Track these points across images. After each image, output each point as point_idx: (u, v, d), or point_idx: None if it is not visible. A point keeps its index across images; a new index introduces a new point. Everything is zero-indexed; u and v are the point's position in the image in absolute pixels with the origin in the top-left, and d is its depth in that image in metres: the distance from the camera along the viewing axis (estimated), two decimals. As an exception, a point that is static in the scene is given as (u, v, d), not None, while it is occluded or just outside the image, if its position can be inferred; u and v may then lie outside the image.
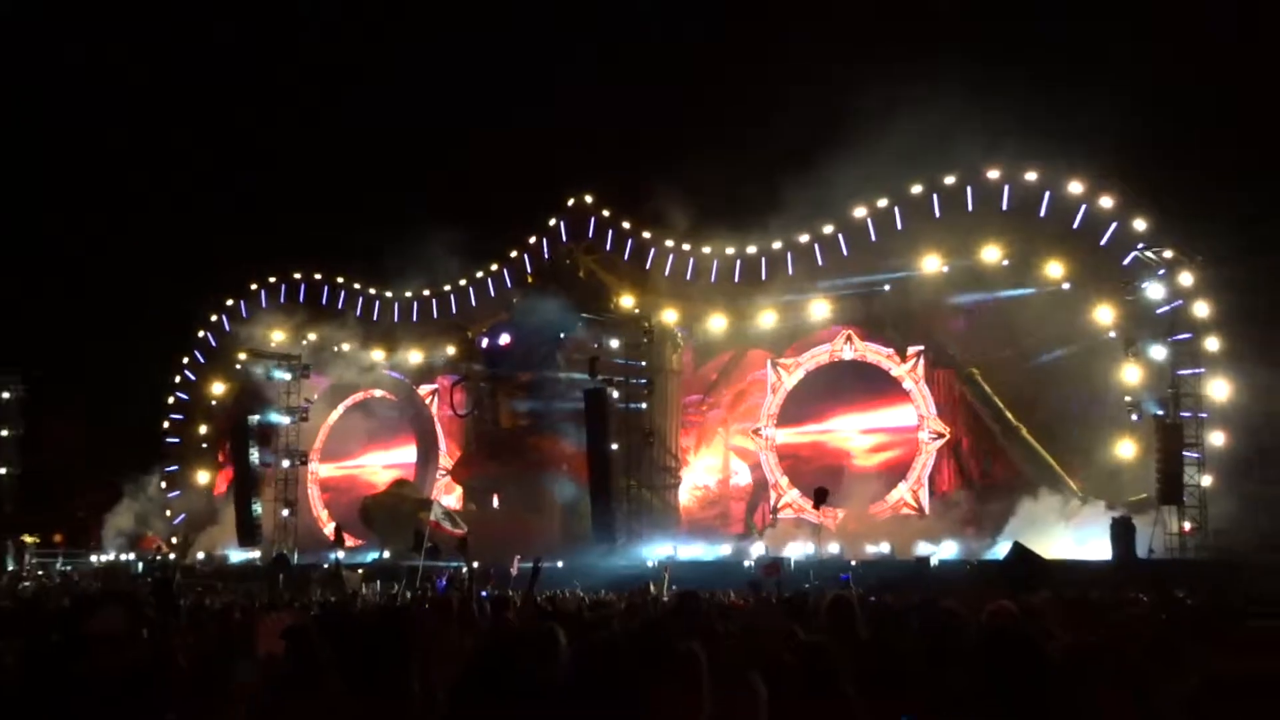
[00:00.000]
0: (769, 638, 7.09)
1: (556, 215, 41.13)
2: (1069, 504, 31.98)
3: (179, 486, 47.71)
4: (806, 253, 36.48)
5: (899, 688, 5.90)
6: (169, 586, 17.36)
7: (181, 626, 11.42)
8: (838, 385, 37.01)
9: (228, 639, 9.47)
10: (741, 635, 8.03)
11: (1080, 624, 8.81)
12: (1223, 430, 30.19)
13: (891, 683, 5.97)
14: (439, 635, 8.75)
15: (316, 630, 6.32)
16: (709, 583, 24.59)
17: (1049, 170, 32.68)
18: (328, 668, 4.23)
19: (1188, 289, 30.62)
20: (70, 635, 7.49)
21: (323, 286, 45.70)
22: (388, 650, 4.49)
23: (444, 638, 8.67)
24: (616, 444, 36.03)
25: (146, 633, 8.78)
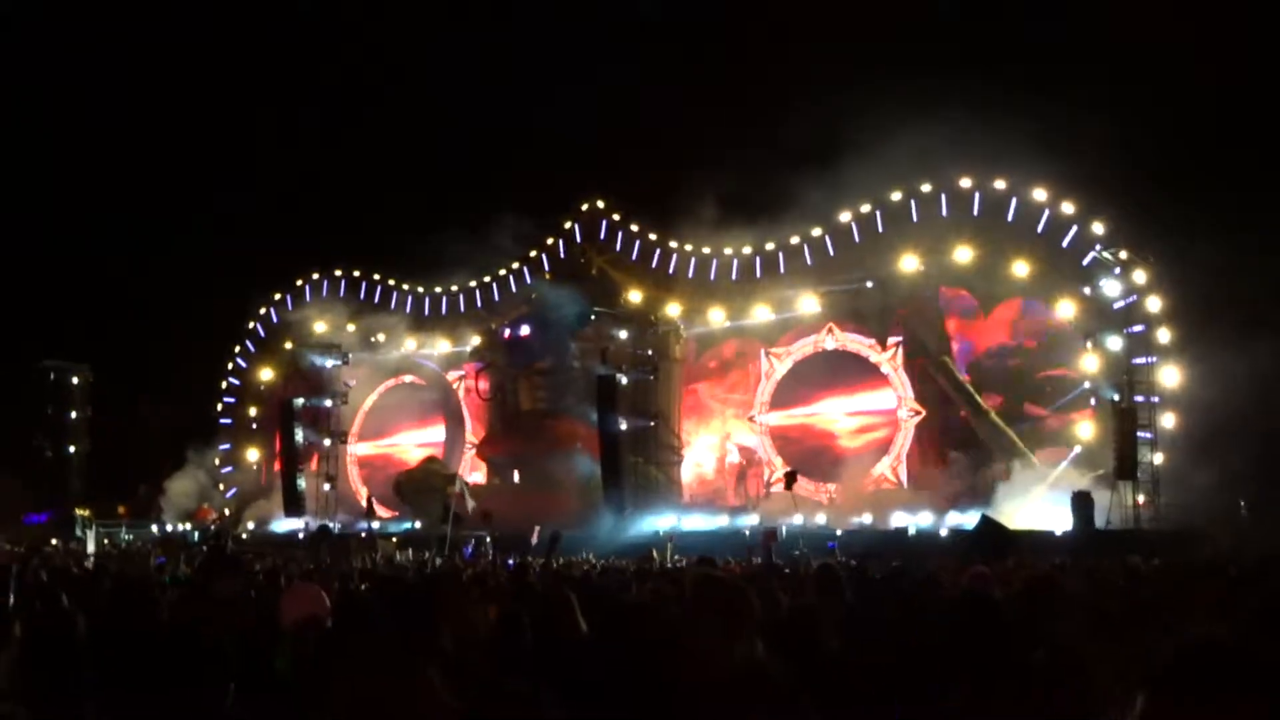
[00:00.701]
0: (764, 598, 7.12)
1: (572, 219, 41.21)
2: (1032, 479, 32.04)
3: (231, 463, 47.85)
4: (797, 253, 36.51)
5: (879, 645, 5.94)
6: (222, 552, 17.45)
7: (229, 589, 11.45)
8: (824, 372, 37.11)
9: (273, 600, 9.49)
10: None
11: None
12: (1173, 413, 30.25)
13: (872, 640, 6.00)
14: (465, 598, 8.79)
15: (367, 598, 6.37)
16: (708, 549, 24.68)
17: (1015, 179, 32.70)
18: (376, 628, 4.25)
19: (1141, 286, 30.69)
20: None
21: (361, 282, 45.73)
22: (425, 613, 4.51)
23: (470, 601, 8.71)
24: (625, 425, 36.08)
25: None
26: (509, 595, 9.24)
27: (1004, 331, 34.93)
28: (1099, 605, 7.80)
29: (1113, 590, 9.34)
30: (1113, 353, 31.07)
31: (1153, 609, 7.31)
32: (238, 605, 7.04)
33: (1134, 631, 5.48)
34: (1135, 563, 15.56)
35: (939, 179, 33.91)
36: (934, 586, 8.13)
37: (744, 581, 5.46)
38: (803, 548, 25.96)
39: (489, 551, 25.56)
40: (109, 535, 40.04)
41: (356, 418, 46.18)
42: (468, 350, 43.46)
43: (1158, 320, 30.55)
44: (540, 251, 41.81)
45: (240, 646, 5.04)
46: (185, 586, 9.83)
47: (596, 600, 6.45)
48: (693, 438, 40.01)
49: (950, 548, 25.79)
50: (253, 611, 6.43)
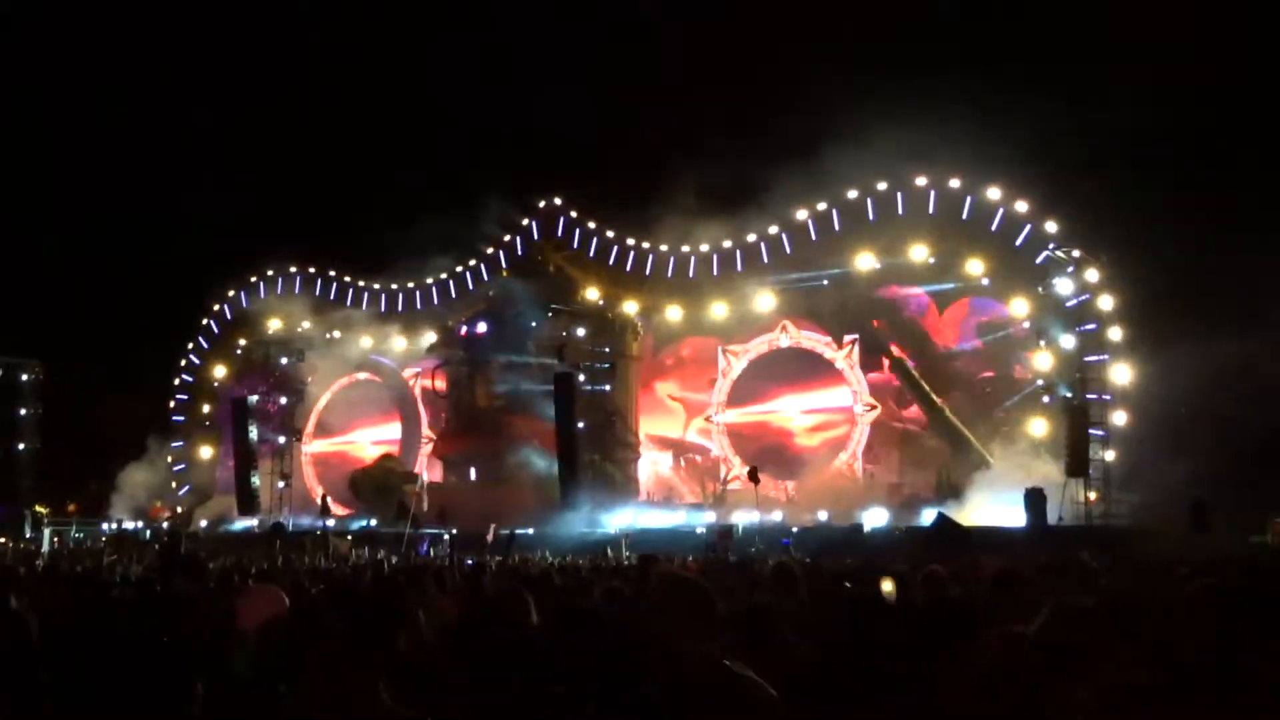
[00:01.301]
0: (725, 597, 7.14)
1: (529, 215, 41.11)
2: (987, 476, 32.33)
3: (185, 460, 47.38)
4: (754, 251, 36.61)
5: (835, 643, 5.97)
6: (176, 551, 17.31)
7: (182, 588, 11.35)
8: (780, 370, 37.30)
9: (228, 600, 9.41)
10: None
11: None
12: (1125, 410, 30.60)
13: (828, 638, 6.03)
14: (427, 597, 8.75)
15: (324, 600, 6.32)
16: (664, 547, 24.77)
17: (970, 178, 32.98)
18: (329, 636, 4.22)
19: (1094, 284, 31.05)
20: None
21: (317, 278, 45.40)
22: (380, 615, 4.48)
23: (427, 600, 8.68)
24: (582, 422, 36.04)
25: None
26: (466, 594, 9.23)
27: (954, 332, 35.28)
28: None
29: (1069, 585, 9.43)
30: (1065, 350, 31.39)
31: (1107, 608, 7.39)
32: (197, 606, 6.97)
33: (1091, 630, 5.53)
34: (1085, 559, 15.72)
35: (895, 178, 34.13)
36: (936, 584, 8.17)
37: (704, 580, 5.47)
38: (759, 545, 26.08)
39: (446, 549, 25.47)
40: (59, 534, 39.56)
41: (312, 415, 45.87)
42: (424, 347, 43.24)
43: (1110, 318, 30.91)
44: (497, 248, 41.68)
45: (200, 648, 5.00)
46: (141, 587, 9.73)
47: (556, 601, 6.45)
48: (650, 435, 40.07)
49: (903, 544, 25.99)
50: (212, 612, 6.37)
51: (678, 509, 36.86)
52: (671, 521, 34.76)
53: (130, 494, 44.81)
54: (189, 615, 6.20)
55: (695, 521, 33.75)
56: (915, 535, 28.98)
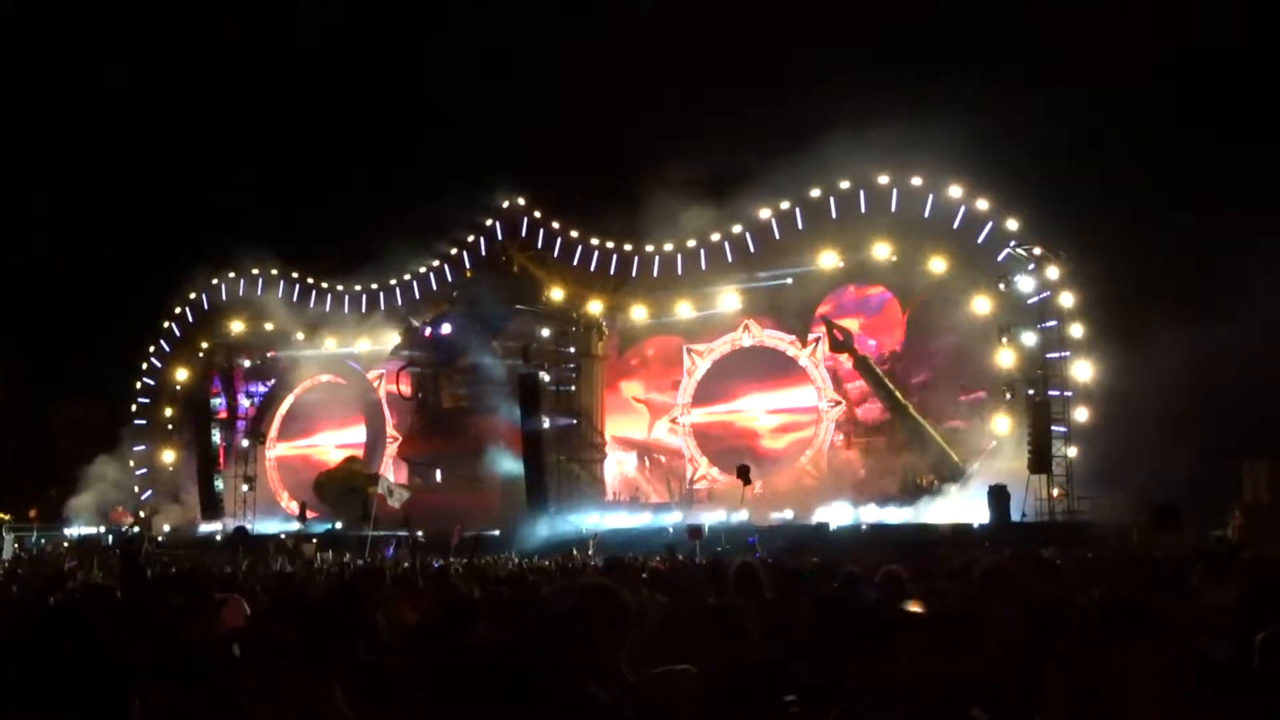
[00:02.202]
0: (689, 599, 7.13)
1: (492, 216, 40.99)
2: (951, 473, 32.57)
3: (147, 464, 46.96)
4: (718, 250, 36.66)
5: (798, 641, 5.96)
6: (135, 558, 17.09)
7: (146, 594, 11.23)
8: (745, 369, 37.35)
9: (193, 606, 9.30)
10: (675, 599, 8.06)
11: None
12: (1086, 407, 30.84)
13: (791, 637, 6.02)
14: (386, 601, 8.69)
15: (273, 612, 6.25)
16: (631, 547, 24.77)
17: (931, 176, 33.14)
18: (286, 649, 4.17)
19: (1054, 282, 31.28)
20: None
21: (280, 280, 45.10)
22: (339, 624, 4.44)
23: (391, 603, 8.61)
24: (547, 423, 36.02)
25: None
26: (429, 598, 9.16)
27: (912, 330, 35.46)
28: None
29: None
30: (1027, 347, 31.58)
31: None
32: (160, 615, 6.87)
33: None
34: (1049, 555, 15.84)
35: (857, 176, 34.26)
36: (852, 584, 8.19)
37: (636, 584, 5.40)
38: (725, 544, 26.11)
39: (410, 553, 25.36)
40: (19, 539, 39.11)
41: (275, 418, 45.57)
42: (389, 349, 43.05)
43: (1070, 316, 31.16)
44: (461, 249, 41.55)
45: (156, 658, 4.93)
46: (99, 594, 9.60)
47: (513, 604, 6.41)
48: (615, 436, 40.05)
49: (867, 542, 26.10)
50: (194, 623, 6.27)
51: (644, 509, 36.87)
52: (639, 522, 34.76)
53: (92, 499, 44.37)
54: (146, 624, 6.11)
55: (662, 521, 33.73)
56: (879, 532, 29.16)
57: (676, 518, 33.59)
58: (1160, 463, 26.55)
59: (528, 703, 3.68)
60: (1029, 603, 5.87)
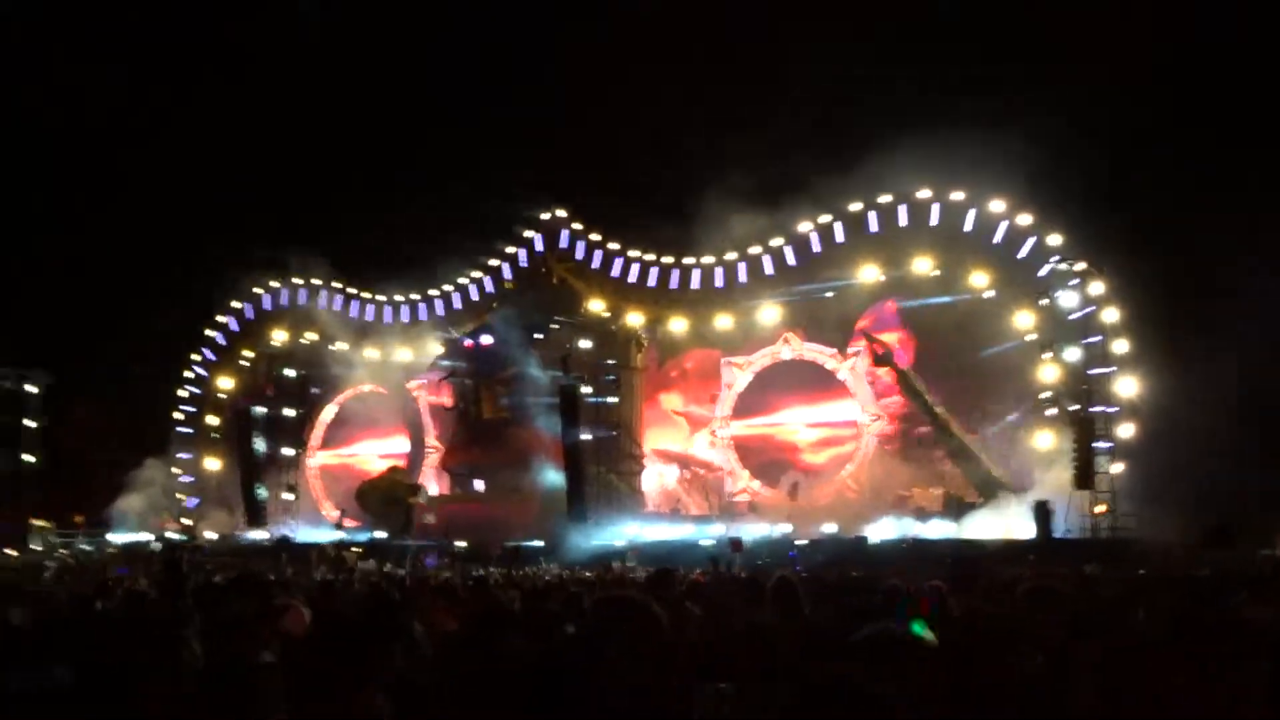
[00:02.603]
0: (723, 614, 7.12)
1: (533, 228, 41.10)
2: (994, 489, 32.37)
3: (192, 472, 47.36)
4: (757, 262, 36.60)
5: (834, 658, 5.93)
6: (179, 565, 17.26)
7: (189, 603, 11.33)
8: (786, 382, 37.24)
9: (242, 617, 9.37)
10: (708, 613, 8.04)
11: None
12: (1130, 422, 30.55)
13: (826, 654, 5.99)
14: (425, 611, 8.73)
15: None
16: (671, 560, 24.72)
17: (973, 190, 32.98)
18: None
19: (1098, 297, 31.01)
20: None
21: (322, 290, 45.42)
22: (376, 632, 4.47)
23: (430, 613, 8.65)
24: (587, 434, 36.06)
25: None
26: (468, 608, 9.20)
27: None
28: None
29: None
30: (1070, 363, 31.32)
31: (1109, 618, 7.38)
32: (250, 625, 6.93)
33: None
34: (1091, 571, 15.71)
35: (898, 190, 34.14)
36: (894, 599, 8.15)
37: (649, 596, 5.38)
38: (765, 558, 26.04)
39: (450, 562, 25.48)
40: (66, 545, 39.61)
41: (317, 427, 45.90)
42: (429, 359, 43.26)
43: (1114, 331, 30.88)
44: (501, 260, 41.71)
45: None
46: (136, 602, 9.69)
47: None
48: (654, 449, 40.04)
49: (910, 556, 25.95)
50: (265, 630, 6.31)
51: (684, 521, 36.83)
52: (678, 534, 34.71)
53: (137, 506, 44.81)
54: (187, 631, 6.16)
55: (702, 534, 33.67)
56: (921, 547, 29.00)
57: (717, 530, 33.52)
58: (1207, 480, 26.29)
59: (559, 714, 3.68)
60: (1072, 616, 5.83)
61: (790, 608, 7.54)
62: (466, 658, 5.04)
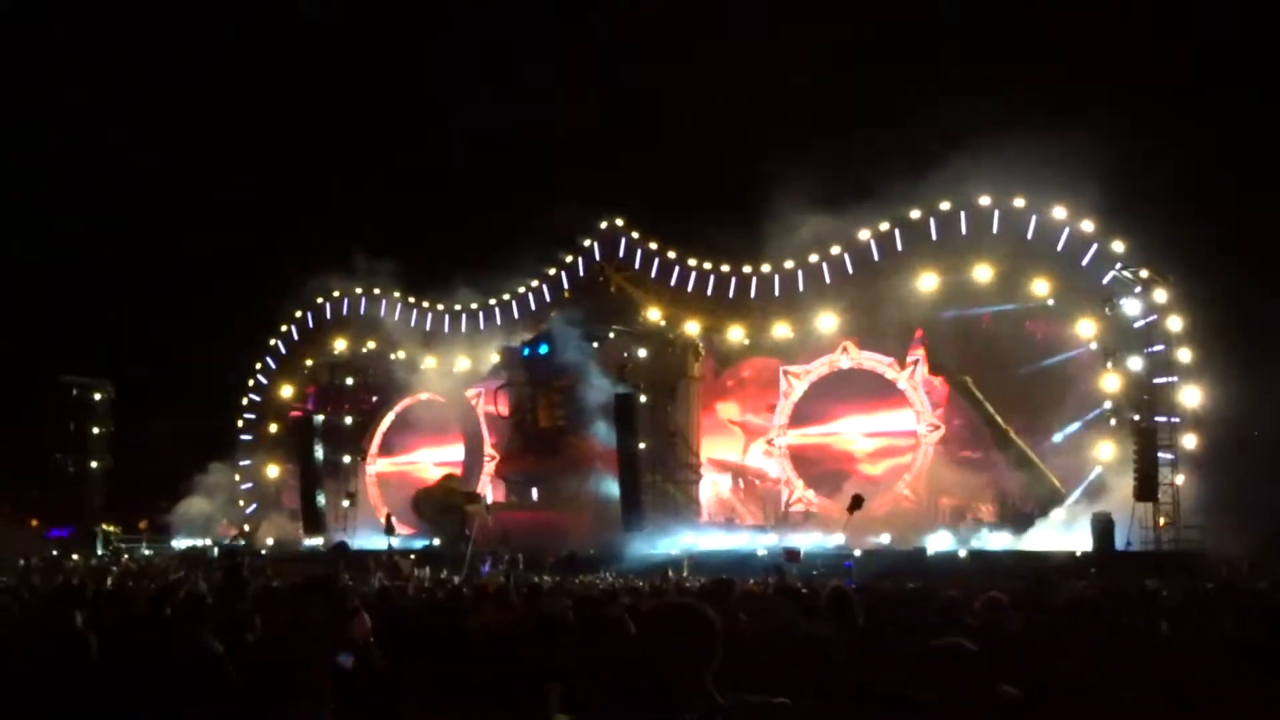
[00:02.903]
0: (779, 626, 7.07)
1: (590, 236, 41.25)
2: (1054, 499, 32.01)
3: (252, 479, 47.99)
4: (815, 271, 36.46)
5: (888, 668, 5.89)
6: (239, 571, 17.45)
7: (248, 607, 11.44)
8: (842, 391, 36.99)
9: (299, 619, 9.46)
10: (757, 622, 8.00)
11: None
12: (1194, 433, 30.03)
13: (881, 663, 5.96)
14: (481, 616, 8.77)
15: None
16: (727, 569, 24.62)
17: (1035, 197, 32.64)
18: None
19: (1162, 305, 30.52)
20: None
21: (381, 300, 45.89)
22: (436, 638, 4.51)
23: (486, 619, 8.69)
24: (643, 443, 36.04)
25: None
26: (523, 613, 9.23)
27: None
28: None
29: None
30: (1133, 372, 30.84)
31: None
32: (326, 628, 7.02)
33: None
34: (1153, 586, 15.44)
35: (958, 197, 33.87)
36: (951, 611, 8.08)
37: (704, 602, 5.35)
38: (821, 569, 25.87)
39: (506, 568, 25.51)
40: (129, 551, 40.24)
41: (376, 435, 46.30)
42: (487, 368, 43.48)
43: (1178, 340, 30.36)
44: (559, 269, 41.88)
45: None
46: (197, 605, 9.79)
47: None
48: (710, 458, 39.94)
49: (969, 568, 25.69)
50: (343, 633, 6.38)
51: (740, 531, 36.70)
52: (734, 544, 34.58)
53: (199, 512, 45.45)
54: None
55: (757, 544, 33.52)
56: (981, 558, 28.70)
57: (772, 540, 33.36)
58: (1274, 491, 25.81)
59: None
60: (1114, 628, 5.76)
61: (845, 618, 7.49)
62: (519, 661, 5.07)
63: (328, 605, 7.56)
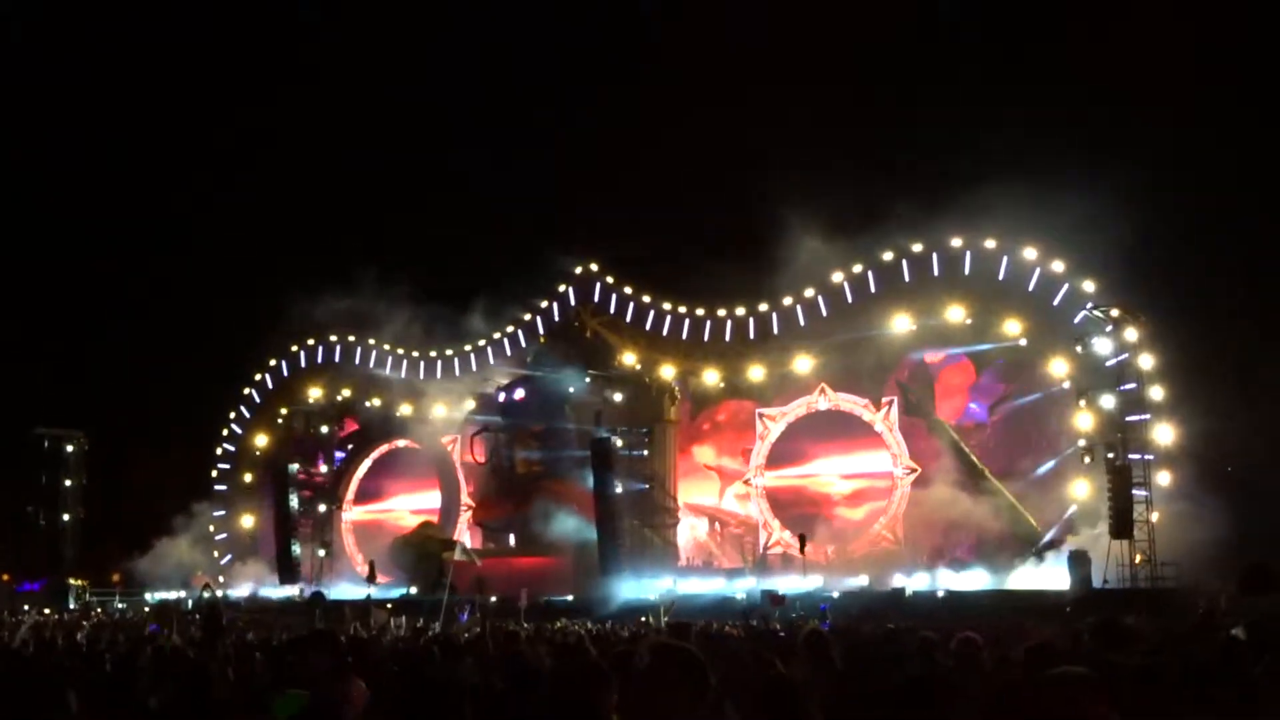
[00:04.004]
0: (750, 667, 7.06)
1: (566, 282, 41.27)
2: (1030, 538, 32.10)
3: (226, 529, 47.57)
4: (790, 314, 36.63)
5: (868, 711, 5.90)
6: (216, 621, 17.30)
7: (227, 656, 11.37)
8: (818, 432, 37.04)
9: (274, 667, 9.42)
10: (727, 665, 7.97)
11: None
12: (1168, 470, 30.18)
13: (860, 707, 5.96)
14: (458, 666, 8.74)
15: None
16: (705, 614, 24.57)
17: (1005, 238, 32.93)
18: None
19: (1133, 343, 30.75)
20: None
21: (356, 347, 45.74)
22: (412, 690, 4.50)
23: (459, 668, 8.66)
24: (620, 487, 35.99)
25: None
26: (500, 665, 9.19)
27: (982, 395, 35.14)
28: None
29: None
30: (1106, 410, 31.03)
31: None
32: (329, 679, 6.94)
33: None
34: (1132, 623, 15.45)
35: (930, 239, 34.14)
36: (928, 652, 8.09)
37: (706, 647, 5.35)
38: (800, 611, 25.82)
39: (482, 618, 25.37)
40: (102, 604, 39.77)
41: (351, 482, 46.05)
42: (463, 414, 43.36)
43: (1150, 378, 30.59)
44: (535, 315, 41.89)
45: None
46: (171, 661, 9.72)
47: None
48: (687, 503, 39.87)
49: (946, 608, 25.69)
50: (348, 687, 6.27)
51: (717, 574, 36.61)
52: (712, 588, 34.48)
53: (173, 563, 44.98)
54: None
55: (736, 587, 33.46)
56: (958, 599, 28.71)
57: (750, 583, 33.30)
58: (1249, 526, 25.94)
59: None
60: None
61: (822, 660, 7.48)
62: (496, 714, 5.06)
63: (328, 657, 7.53)
